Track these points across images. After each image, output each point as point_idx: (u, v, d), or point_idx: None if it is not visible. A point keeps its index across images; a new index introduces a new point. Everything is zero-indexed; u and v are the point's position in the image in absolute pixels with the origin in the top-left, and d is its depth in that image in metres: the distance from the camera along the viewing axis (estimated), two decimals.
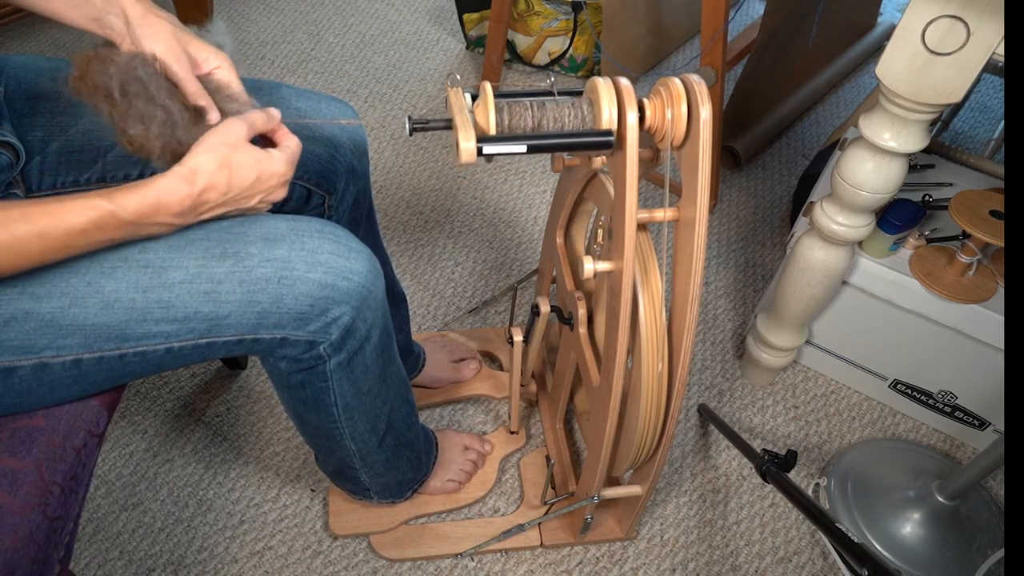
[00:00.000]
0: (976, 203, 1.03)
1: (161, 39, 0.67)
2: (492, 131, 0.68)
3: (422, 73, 1.94)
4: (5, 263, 0.57)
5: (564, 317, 1.00)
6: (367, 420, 0.88)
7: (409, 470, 1.04)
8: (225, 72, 0.71)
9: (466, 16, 1.94)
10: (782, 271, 1.14)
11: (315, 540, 1.10)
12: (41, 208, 0.57)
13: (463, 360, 1.27)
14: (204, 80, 0.70)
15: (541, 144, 0.69)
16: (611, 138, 0.68)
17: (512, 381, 1.10)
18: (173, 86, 0.68)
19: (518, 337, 1.02)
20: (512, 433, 1.20)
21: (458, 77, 0.68)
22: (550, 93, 0.71)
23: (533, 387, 1.24)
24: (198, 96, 0.69)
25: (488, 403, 1.27)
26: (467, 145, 0.65)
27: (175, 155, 0.66)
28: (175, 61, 0.67)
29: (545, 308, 1.01)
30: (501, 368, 1.30)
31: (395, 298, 1.09)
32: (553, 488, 1.14)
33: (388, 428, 0.93)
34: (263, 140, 0.72)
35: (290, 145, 0.70)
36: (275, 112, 0.71)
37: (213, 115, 0.69)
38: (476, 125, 0.68)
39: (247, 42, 2.00)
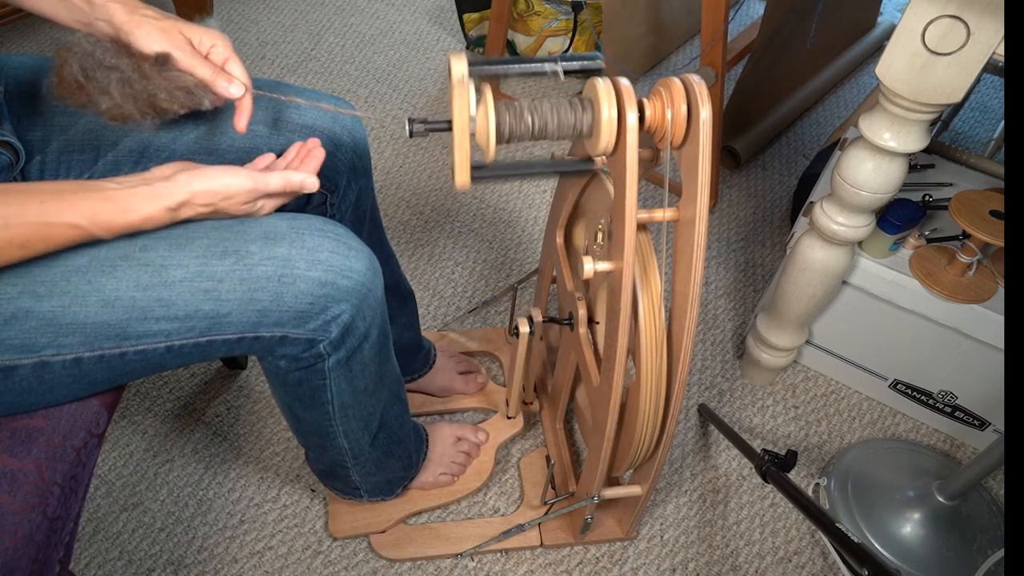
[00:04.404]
0: (976, 203, 1.03)
1: (154, 37, 0.68)
2: (492, 138, 0.68)
3: (422, 73, 1.94)
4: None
5: (564, 318, 1.00)
6: (361, 418, 0.88)
7: (400, 468, 1.04)
8: (221, 49, 0.71)
9: (466, 16, 1.94)
10: (782, 271, 1.14)
11: (315, 540, 1.10)
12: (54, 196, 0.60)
13: (470, 373, 1.26)
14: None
15: (531, 173, 0.81)
16: (592, 166, 0.78)
17: (516, 365, 1.08)
18: (120, 47, 0.67)
19: (524, 328, 1.01)
20: (509, 418, 1.19)
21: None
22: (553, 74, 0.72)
23: (535, 405, 1.23)
24: (216, 76, 0.69)
25: (486, 398, 1.27)
26: (462, 177, 0.68)
27: (155, 107, 0.67)
28: (178, 50, 0.68)
29: (538, 319, 1.02)
30: (501, 368, 1.30)
31: (403, 294, 1.09)
32: (553, 488, 1.14)
33: (381, 426, 0.93)
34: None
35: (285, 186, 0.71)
36: (294, 181, 0.71)
37: (235, 90, 0.70)
38: (475, 130, 0.68)
39: (247, 42, 2.00)
